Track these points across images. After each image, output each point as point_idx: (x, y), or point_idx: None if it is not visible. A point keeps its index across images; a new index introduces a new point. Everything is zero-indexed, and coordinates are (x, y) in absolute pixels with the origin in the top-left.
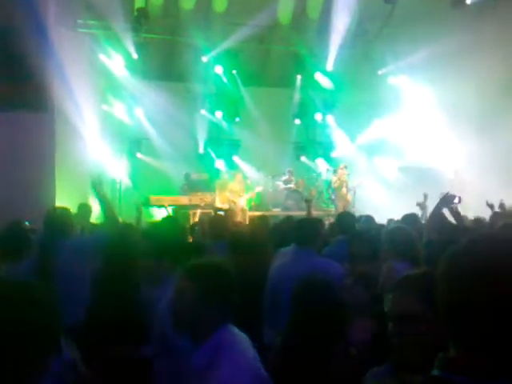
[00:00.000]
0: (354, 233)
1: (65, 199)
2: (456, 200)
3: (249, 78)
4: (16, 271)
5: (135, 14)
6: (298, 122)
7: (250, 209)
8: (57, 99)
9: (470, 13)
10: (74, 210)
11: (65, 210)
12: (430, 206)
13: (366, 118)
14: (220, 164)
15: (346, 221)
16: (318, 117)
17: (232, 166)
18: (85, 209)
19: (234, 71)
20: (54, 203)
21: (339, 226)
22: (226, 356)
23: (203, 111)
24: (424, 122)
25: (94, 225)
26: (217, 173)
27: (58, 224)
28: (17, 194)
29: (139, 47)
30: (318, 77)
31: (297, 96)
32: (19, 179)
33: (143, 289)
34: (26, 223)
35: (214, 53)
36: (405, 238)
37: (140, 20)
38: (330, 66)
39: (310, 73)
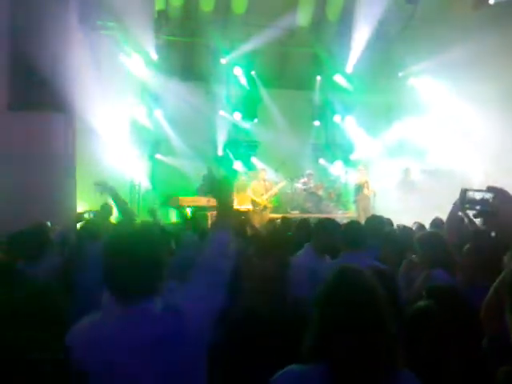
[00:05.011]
0: (384, 237)
1: (85, 200)
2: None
3: (268, 80)
4: (37, 270)
5: (155, 16)
6: (317, 123)
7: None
8: (77, 100)
9: (492, 13)
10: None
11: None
12: None
13: (386, 120)
14: (238, 165)
15: (375, 225)
16: (337, 119)
17: (250, 167)
18: (106, 209)
19: (253, 72)
20: (75, 204)
21: (368, 229)
22: None
23: (222, 112)
24: (445, 123)
25: (114, 225)
26: (235, 174)
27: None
28: (38, 194)
29: (159, 49)
30: (338, 79)
31: (316, 98)
32: (40, 180)
33: None
34: (48, 223)
35: (233, 54)
36: (439, 243)
37: (160, 22)
38: (349, 67)
39: (329, 75)
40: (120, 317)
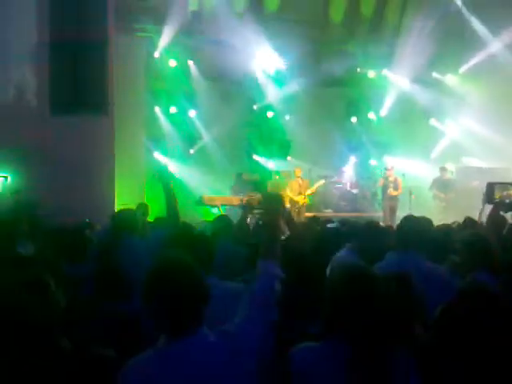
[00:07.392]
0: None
1: (124, 200)
2: None
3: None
4: (77, 272)
5: (189, 16)
6: (353, 120)
7: None
8: (115, 102)
9: None
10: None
11: (130, 211)
12: None
13: (422, 118)
14: (271, 164)
15: (414, 225)
16: (372, 116)
17: (283, 166)
18: (143, 208)
19: (286, 69)
20: (114, 204)
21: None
22: None
23: (255, 108)
24: (486, 122)
25: (150, 223)
26: (268, 173)
27: (124, 224)
28: (78, 195)
29: (193, 49)
30: (372, 75)
31: (350, 95)
32: (80, 181)
33: None
34: (87, 220)
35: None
36: (483, 245)
37: (194, 22)
38: (383, 64)
39: (364, 71)
40: (174, 349)
